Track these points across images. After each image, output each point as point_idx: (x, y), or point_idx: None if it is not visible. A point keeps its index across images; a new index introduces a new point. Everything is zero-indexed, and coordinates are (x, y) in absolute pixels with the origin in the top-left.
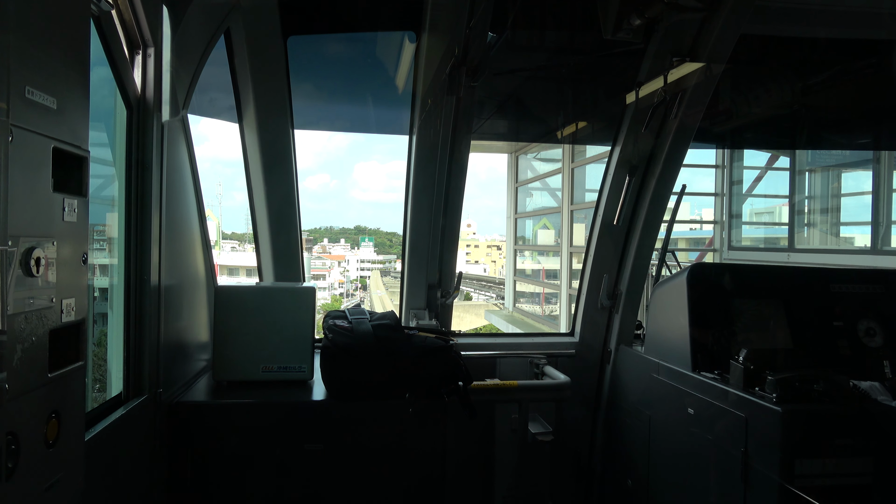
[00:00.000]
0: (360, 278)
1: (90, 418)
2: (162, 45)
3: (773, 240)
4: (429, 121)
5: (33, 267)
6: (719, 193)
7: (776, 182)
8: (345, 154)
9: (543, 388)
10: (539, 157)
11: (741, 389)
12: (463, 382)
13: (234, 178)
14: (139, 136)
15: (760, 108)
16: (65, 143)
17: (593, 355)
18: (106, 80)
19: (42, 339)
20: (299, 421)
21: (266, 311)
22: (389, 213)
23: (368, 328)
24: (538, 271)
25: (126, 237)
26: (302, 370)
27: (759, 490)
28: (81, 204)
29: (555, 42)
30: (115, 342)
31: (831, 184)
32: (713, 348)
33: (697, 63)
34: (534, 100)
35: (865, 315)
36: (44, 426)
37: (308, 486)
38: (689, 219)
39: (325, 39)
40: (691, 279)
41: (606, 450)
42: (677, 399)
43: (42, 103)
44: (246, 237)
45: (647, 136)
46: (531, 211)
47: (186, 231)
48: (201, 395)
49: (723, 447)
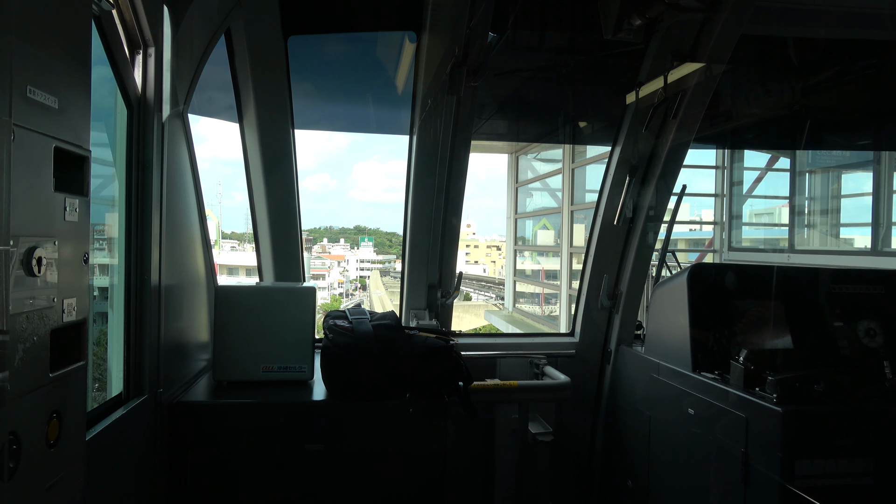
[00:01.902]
0: (359, 278)
1: (90, 418)
2: (162, 44)
3: (772, 241)
4: (429, 121)
5: (34, 266)
6: (719, 194)
7: (776, 183)
8: (344, 154)
9: (543, 388)
10: (539, 157)
11: (741, 390)
12: (463, 383)
13: (234, 177)
14: (140, 136)
15: (760, 109)
16: (66, 142)
17: (593, 355)
18: (106, 80)
19: (43, 339)
20: (299, 421)
21: (266, 311)
22: (389, 213)
23: (369, 328)
24: (538, 272)
25: (126, 237)
26: (302, 370)
27: (760, 490)
28: (83, 204)
29: (555, 42)
30: (115, 342)
31: (831, 185)
32: (713, 348)
33: (698, 63)
34: (534, 100)
35: (866, 316)
36: (45, 426)
37: (308, 486)
38: (689, 219)
39: (326, 39)
40: (691, 279)
41: (606, 450)
42: (677, 399)
43: (43, 103)
44: (245, 237)
45: (647, 136)
46: (531, 211)
47: (187, 231)
48: (201, 395)
49: (723, 448)
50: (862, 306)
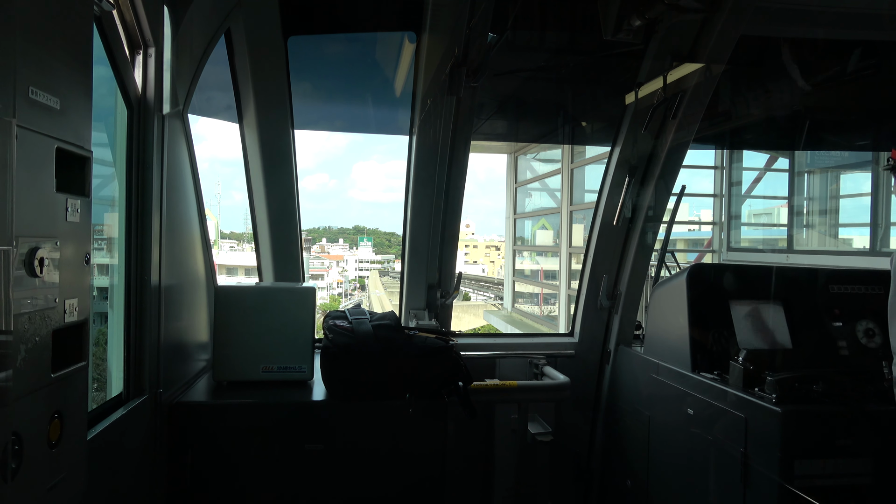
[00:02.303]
0: (358, 278)
1: (91, 418)
2: (163, 44)
3: (771, 241)
4: (429, 121)
5: (36, 267)
6: (718, 194)
7: (775, 183)
8: (343, 154)
9: (543, 388)
10: (538, 157)
11: (741, 390)
12: (463, 383)
13: (233, 177)
14: (140, 136)
15: (760, 109)
16: (68, 143)
17: (593, 356)
18: (106, 80)
19: (45, 340)
20: (299, 421)
21: (266, 311)
22: (388, 213)
23: (369, 328)
24: (537, 272)
25: (126, 237)
26: (302, 370)
27: (759, 490)
28: (84, 204)
29: (555, 42)
30: (115, 342)
31: (830, 185)
32: (713, 349)
33: (697, 64)
34: (534, 100)
35: (864, 316)
36: (46, 426)
37: (308, 486)
38: (689, 220)
39: (326, 40)
40: (691, 280)
41: (606, 450)
42: (677, 399)
43: (45, 104)
44: (245, 236)
45: (646, 136)
46: (530, 211)
47: (186, 231)
48: (201, 396)
49: (722, 448)
50: (860, 306)
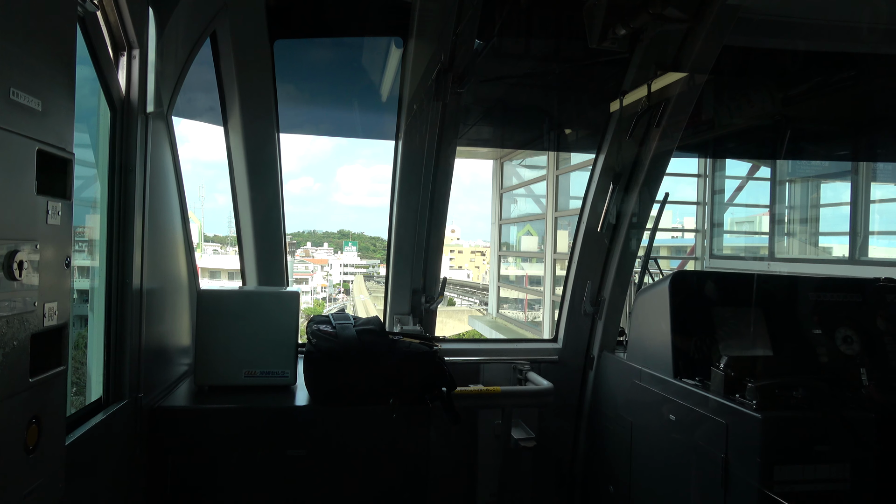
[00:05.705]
0: (343, 282)
1: (69, 423)
2: (147, 46)
3: (753, 249)
4: (415, 126)
5: (15, 270)
6: (701, 202)
7: (757, 192)
8: (328, 157)
9: (527, 393)
10: (524, 163)
11: (722, 396)
12: (447, 388)
13: (217, 179)
14: (123, 138)
15: (742, 119)
16: (49, 145)
17: (576, 361)
18: (89, 81)
19: (23, 344)
20: (282, 426)
21: (249, 316)
22: (373, 218)
23: (353, 333)
24: (522, 277)
25: (108, 240)
26: (285, 375)
27: (739, 496)
28: (65, 207)
29: (541, 50)
30: (95, 345)
31: (811, 194)
32: (694, 355)
33: (681, 73)
34: (519, 107)
35: (843, 323)
36: (24, 432)
37: (290, 492)
38: (672, 227)
39: (313, 44)
40: (673, 287)
41: (589, 456)
42: (659, 405)
43: (27, 105)
44: (228, 240)
45: (630, 144)
46: (515, 217)
47: (169, 234)
48: (182, 400)
49: (703, 453)
50: (840, 314)
